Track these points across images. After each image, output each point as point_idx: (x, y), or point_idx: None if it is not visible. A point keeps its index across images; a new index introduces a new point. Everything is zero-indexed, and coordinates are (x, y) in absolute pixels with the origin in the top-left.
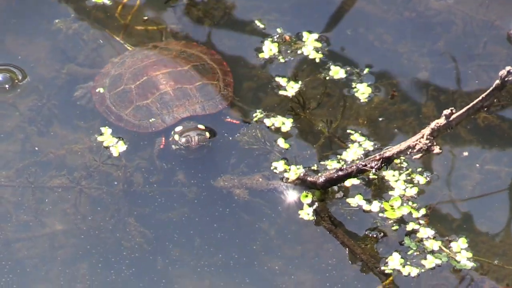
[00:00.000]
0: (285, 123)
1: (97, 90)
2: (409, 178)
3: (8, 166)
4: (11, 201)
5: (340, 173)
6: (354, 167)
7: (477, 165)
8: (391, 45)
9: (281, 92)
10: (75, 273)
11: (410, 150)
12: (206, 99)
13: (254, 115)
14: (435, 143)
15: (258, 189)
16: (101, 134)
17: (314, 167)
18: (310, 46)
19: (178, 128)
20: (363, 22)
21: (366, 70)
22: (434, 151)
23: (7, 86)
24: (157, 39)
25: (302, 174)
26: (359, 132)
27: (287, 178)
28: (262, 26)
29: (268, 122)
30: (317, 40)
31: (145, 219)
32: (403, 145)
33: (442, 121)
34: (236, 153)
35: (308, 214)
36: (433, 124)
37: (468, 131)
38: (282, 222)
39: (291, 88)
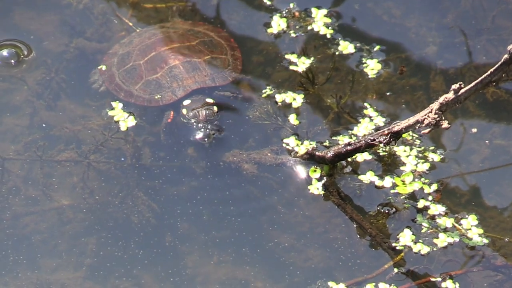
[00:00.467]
0: (296, 99)
1: (105, 69)
2: (421, 155)
3: (17, 140)
4: (20, 175)
5: (349, 147)
6: (363, 141)
7: (486, 140)
8: (399, 19)
9: (291, 67)
10: (83, 248)
11: (418, 124)
12: (215, 71)
13: (264, 90)
14: (443, 118)
15: (267, 164)
16: (112, 108)
17: (326, 143)
18: (319, 21)
19: (187, 102)
20: None
21: (376, 47)
22: (443, 126)
23: (13, 61)
24: (166, 15)
25: (310, 149)
26: (374, 107)
27: (296, 153)
28: (269, 2)
29: (278, 97)
30: (326, 15)
31: (154, 193)
32: (411, 120)
33: (450, 95)
34: (245, 128)
35: (317, 189)
36: (441, 99)
37: (476, 105)
38: (291, 197)
39: (302, 64)
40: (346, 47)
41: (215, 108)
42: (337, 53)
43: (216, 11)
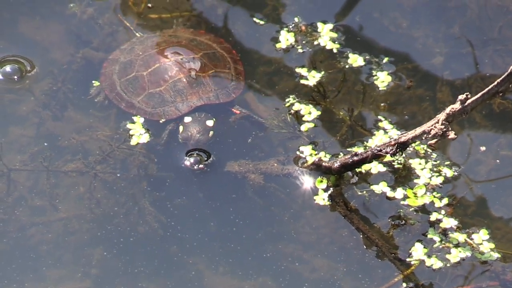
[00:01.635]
0: (311, 113)
1: (106, 77)
2: (436, 168)
3: (23, 150)
4: (26, 185)
5: (356, 158)
6: (370, 152)
7: (492, 150)
8: (406, 30)
9: (302, 81)
10: (89, 259)
11: (425, 135)
12: (219, 87)
13: (287, 99)
14: (450, 129)
15: (273, 174)
16: (133, 122)
17: (340, 156)
18: (326, 36)
19: (188, 119)
20: (377, 6)
21: (385, 59)
22: (449, 137)
23: (16, 77)
24: (171, 24)
25: (317, 159)
26: (388, 120)
27: (303, 163)
28: (276, 12)
29: (295, 107)
30: (332, 30)
31: (160, 204)
32: (418, 130)
33: (457, 106)
34: (251, 138)
35: (323, 199)
36: (448, 109)
37: (483, 116)
38: (297, 207)
39: (312, 78)
40: (356, 60)
41: (211, 134)
42: (346, 66)
43: (222, 21)
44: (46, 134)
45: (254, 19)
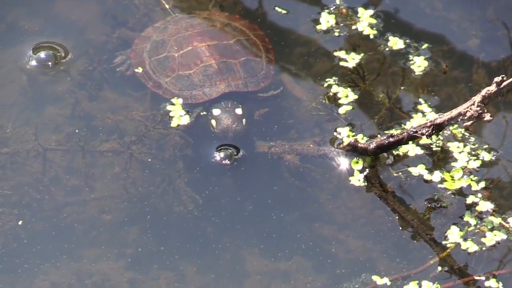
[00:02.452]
0: (348, 95)
1: (136, 54)
2: (474, 152)
3: (59, 130)
4: (61, 165)
5: (391, 139)
6: (405, 133)
7: None
8: (441, 12)
9: (341, 64)
10: (124, 238)
11: (461, 117)
12: (249, 75)
13: (327, 80)
14: (485, 111)
15: (309, 155)
16: (173, 104)
17: (377, 137)
18: (365, 22)
19: (216, 112)
20: None
21: (425, 45)
22: (485, 119)
23: (50, 63)
24: (207, 6)
25: (353, 140)
26: (428, 102)
27: (339, 144)
28: None
29: (333, 89)
30: (372, 16)
31: (196, 184)
32: (454, 112)
33: (493, 88)
34: (287, 119)
35: (359, 180)
36: (484, 91)
37: None
38: (333, 188)
39: (352, 60)
40: (396, 43)
41: (244, 122)
42: (387, 49)
43: (258, 2)
44: (81, 114)
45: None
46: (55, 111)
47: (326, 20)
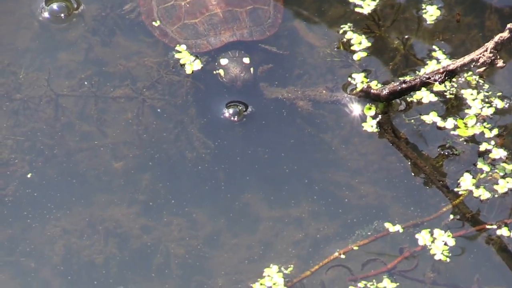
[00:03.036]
0: (362, 42)
1: (145, 2)
2: (487, 99)
3: (71, 75)
4: (74, 111)
5: (404, 85)
6: (418, 80)
7: None
8: None
9: (357, 10)
10: (137, 184)
11: (473, 63)
12: (255, 24)
13: (342, 26)
14: (498, 57)
15: (322, 101)
16: (179, 51)
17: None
18: None
19: (224, 61)
20: None
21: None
22: (498, 65)
23: (62, 15)
24: None
25: (366, 86)
26: (442, 49)
27: (352, 90)
28: None
29: (348, 36)
30: None
31: (209, 130)
32: (466, 58)
33: (506, 34)
34: (300, 65)
35: (372, 126)
36: (496, 38)
37: None
38: (345, 134)
39: (367, 6)
40: None
41: (252, 70)
42: None
43: None
44: (94, 60)
45: None
46: (67, 57)
47: None
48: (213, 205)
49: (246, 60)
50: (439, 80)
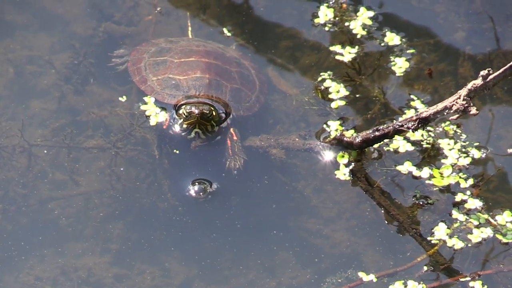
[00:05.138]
0: (340, 91)
1: (138, 53)
2: (464, 149)
3: (44, 124)
4: (46, 160)
5: (377, 133)
6: (391, 127)
7: None
8: (428, 5)
9: (337, 58)
10: (109, 233)
11: (447, 110)
12: (233, 100)
13: (321, 73)
14: (472, 104)
15: (295, 149)
16: (145, 103)
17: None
18: (359, 21)
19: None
20: None
21: (411, 50)
22: (471, 112)
23: None
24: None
25: (339, 134)
26: (421, 99)
27: (325, 138)
28: None
29: (325, 84)
30: (371, 18)
31: (180, 180)
32: (440, 106)
33: (479, 82)
34: (273, 114)
35: (345, 174)
36: (470, 85)
37: (505, 92)
38: (318, 182)
39: (348, 54)
40: (392, 38)
41: (212, 108)
42: (382, 44)
43: None
44: (67, 108)
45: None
46: (40, 105)
47: (325, 14)
48: (186, 253)
49: (207, 101)
50: (412, 127)
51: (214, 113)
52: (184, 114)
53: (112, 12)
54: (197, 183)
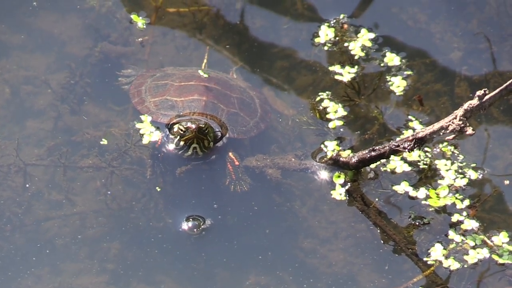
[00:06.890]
0: (338, 111)
1: (143, 77)
2: (461, 170)
3: (40, 144)
4: (42, 179)
5: (373, 153)
6: (387, 147)
7: (509, 145)
8: (424, 25)
9: (337, 77)
10: (105, 253)
11: (443, 131)
12: (229, 123)
13: (320, 93)
14: (468, 124)
15: (291, 169)
16: (141, 121)
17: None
18: (359, 42)
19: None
20: (396, 1)
21: (408, 72)
22: (467, 132)
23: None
24: (189, 19)
25: (335, 154)
26: (419, 119)
27: (320, 158)
28: (295, 8)
29: (324, 104)
30: (371, 39)
31: (176, 199)
32: (436, 126)
33: (475, 102)
34: (268, 134)
35: (341, 194)
36: (466, 105)
37: (501, 112)
38: (314, 202)
39: (347, 74)
40: (392, 59)
41: (206, 123)
42: (381, 64)
43: (240, 16)
44: (63, 128)
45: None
46: (36, 125)
47: (325, 34)
48: (182, 273)
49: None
50: (408, 147)
51: (209, 129)
52: (181, 130)
53: (108, 32)
54: (191, 219)
